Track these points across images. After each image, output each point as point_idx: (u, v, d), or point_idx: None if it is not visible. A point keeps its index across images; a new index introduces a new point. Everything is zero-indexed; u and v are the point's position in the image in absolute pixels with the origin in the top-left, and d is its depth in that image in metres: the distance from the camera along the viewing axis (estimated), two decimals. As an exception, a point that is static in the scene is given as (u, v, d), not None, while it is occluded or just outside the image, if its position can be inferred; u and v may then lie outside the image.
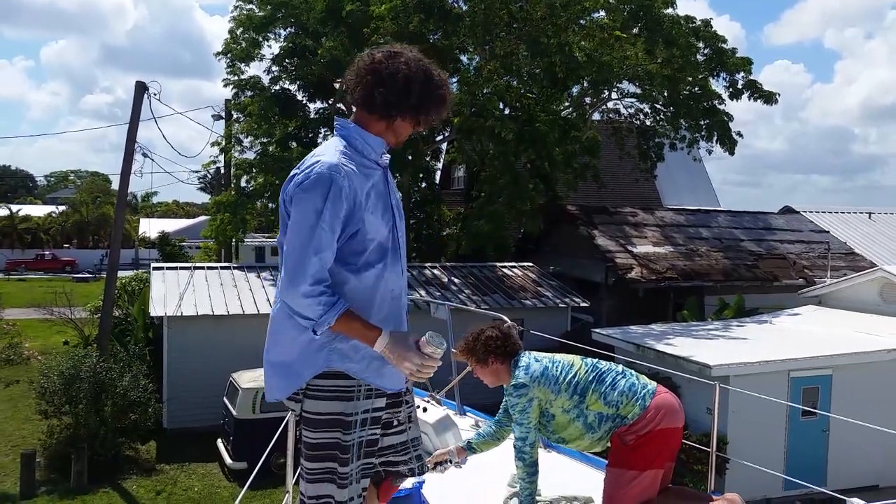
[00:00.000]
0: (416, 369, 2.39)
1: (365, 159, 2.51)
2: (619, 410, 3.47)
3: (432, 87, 2.52)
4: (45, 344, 18.66)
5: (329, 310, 2.35)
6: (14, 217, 50.51)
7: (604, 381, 3.56)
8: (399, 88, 2.46)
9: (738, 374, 11.04)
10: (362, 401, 2.53)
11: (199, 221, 50.65)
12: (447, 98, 2.58)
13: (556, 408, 3.62)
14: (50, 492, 11.24)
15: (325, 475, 2.53)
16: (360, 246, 2.46)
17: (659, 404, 3.46)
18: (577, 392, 3.57)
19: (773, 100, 20.23)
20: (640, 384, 3.55)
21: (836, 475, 11.43)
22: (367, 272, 2.48)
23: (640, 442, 3.41)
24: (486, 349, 3.79)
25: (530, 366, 3.68)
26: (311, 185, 2.38)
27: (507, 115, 19.14)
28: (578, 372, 3.62)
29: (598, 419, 3.52)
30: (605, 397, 3.51)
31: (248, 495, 10.73)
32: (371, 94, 2.47)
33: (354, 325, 2.40)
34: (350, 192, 2.40)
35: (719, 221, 22.64)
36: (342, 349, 2.48)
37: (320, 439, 2.52)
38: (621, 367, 3.68)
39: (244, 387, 11.89)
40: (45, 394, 11.96)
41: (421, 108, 2.53)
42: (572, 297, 17.63)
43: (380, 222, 2.50)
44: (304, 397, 2.54)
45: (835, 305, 15.50)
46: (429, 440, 4.75)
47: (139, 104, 13.98)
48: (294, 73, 20.30)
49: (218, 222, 19.22)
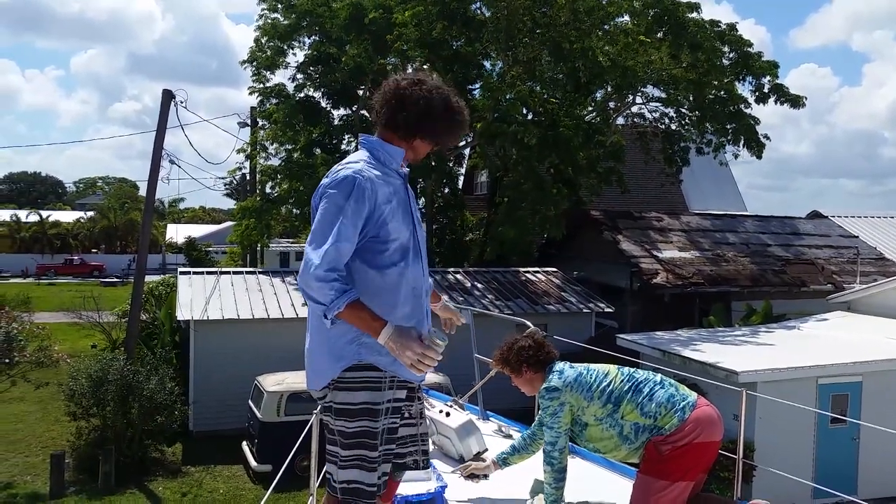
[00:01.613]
0: (416, 359, 2.53)
1: (387, 168, 2.77)
2: (657, 421, 3.42)
3: (450, 114, 2.79)
4: (74, 347, 18.95)
5: (340, 296, 2.51)
6: (44, 223, 51.43)
7: (641, 391, 3.51)
8: (419, 114, 2.73)
9: (765, 380, 10.89)
10: (387, 391, 2.73)
11: (224, 227, 51.19)
12: (464, 124, 2.87)
13: (589, 416, 3.59)
14: (78, 492, 11.39)
15: (359, 461, 2.72)
16: (383, 246, 2.68)
17: (699, 417, 3.40)
18: (610, 401, 3.53)
19: (799, 103, 19.99)
20: (679, 395, 3.49)
21: (866, 484, 11.23)
22: (389, 270, 2.69)
23: (676, 454, 3.35)
24: (518, 359, 3.83)
25: (564, 371, 3.70)
26: (337, 185, 2.63)
27: (530, 120, 19.12)
28: (614, 381, 3.58)
29: (634, 430, 3.47)
30: (643, 408, 3.46)
31: (273, 498, 10.79)
32: (394, 117, 2.75)
33: (362, 315, 2.56)
34: (372, 195, 2.63)
35: (746, 226, 22.39)
36: (370, 343, 2.65)
37: (355, 428, 2.70)
38: (660, 378, 3.61)
39: (269, 390, 11.97)
40: (73, 396, 12.13)
41: (439, 133, 2.83)
42: (596, 302, 17.53)
43: (401, 225, 2.73)
44: (335, 389, 2.72)
45: (864, 311, 15.24)
46: (451, 444, 4.74)
47: (166, 112, 14.17)
48: (318, 80, 20.47)
49: (243, 228, 19.42)
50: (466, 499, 4.16)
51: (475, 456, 4.70)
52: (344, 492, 2.74)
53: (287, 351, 12.74)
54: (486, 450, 4.77)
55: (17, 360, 12.42)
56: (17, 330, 12.74)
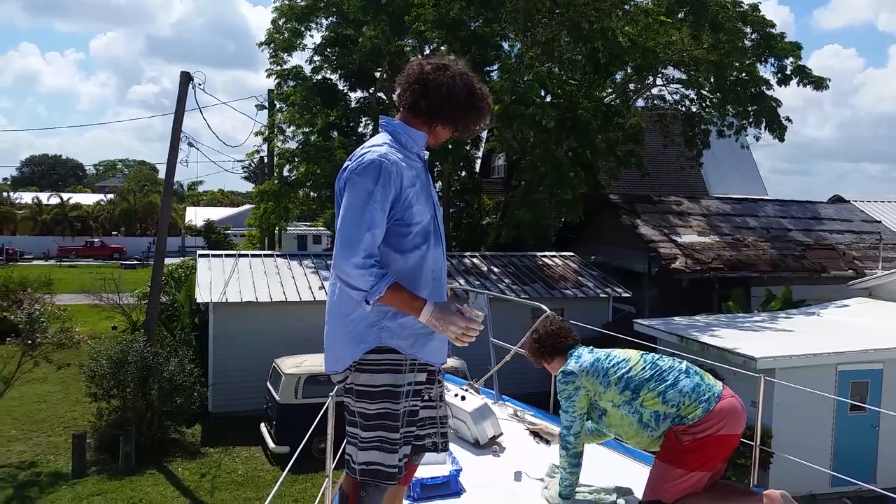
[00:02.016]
0: (461, 332, 2.60)
1: (408, 152, 2.77)
2: (680, 410, 3.38)
3: (473, 102, 2.78)
4: (95, 329, 19.17)
5: (379, 281, 2.56)
6: (65, 205, 51.97)
7: (664, 379, 3.47)
8: (442, 100, 2.73)
9: (783, 366, 10.79)
10: (408, 374, 2.76)
11: (243, 210, 51.48)
12: (486, 113, 2.85)
13: (606, 402, 3.57)
14: (100, 472, 11.56)
15: (379, 443, 2.74)
16: (407, 230, 2.71)
17: (723, 409, 3.36)
18: (629, 387, 3.50)
19: (823, 85, 19.68)
20: (704, 385, 3.44)
21: (886, 472, 11.12)
22: (412, 254, 2.72)
23: (696, 445, 3.32)
24: (541, 345, 3.86)
25: (581, 356, 3.70)
26: (364, 170, 2.64)
27: (548, 102, 18.95)
28: (634, 367, 3.55)
29: (654, 417, 3.43)
30: (664, 395, 3.42)
31: (290, 479, 10.90)
32: (417, 102, 2.75)
33: (403, 296, 2.61)
34: (397, 178, 2.65)
35: (767, 211, 22.13)
36: (391, 327, 2.71)
37: (376, 410, 2.73)
38: (685, 366, 3.56)
39: (287, 372, 12.05)
40: (94, 377, 12.28)
41: (460, 119, 2.82)
42: (614, 287, 17.44)
43: (423, 208, 2.75)
44: (356, 371, 2.75)
45: (886, 298, 15.03)
46: (466, 428, 4.75)
47: (184, 94, 14.20)
48: (335, 62, 20.38)
49: (261, 211, 19.49)
50: (482, 482, 4.16)
51: (491, 440, 4.72)
52: (363, 473, 2.76)
53: (305, 333, 12.81)
54: (502, 433, 4.78)
55: (39, 341, 12.57)
56: (39, 311, 12.88)
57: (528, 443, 4.73)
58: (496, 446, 4.67)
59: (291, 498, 10.68)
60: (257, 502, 10.64)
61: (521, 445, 4.78)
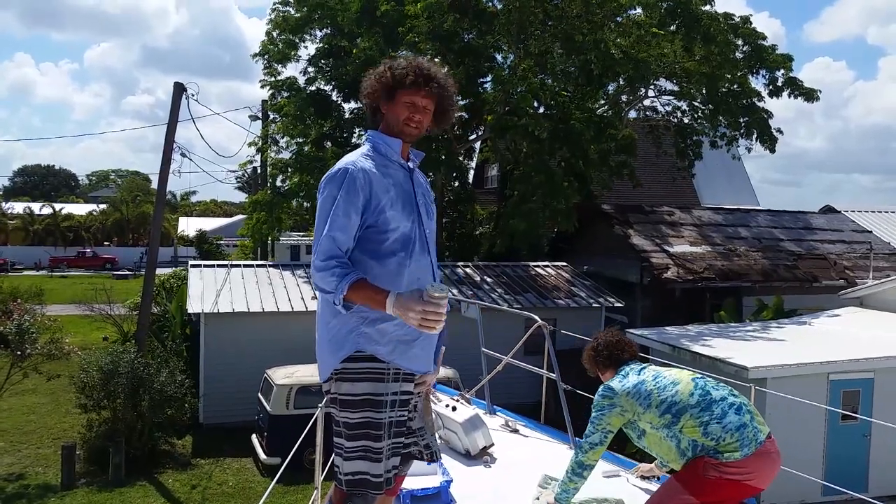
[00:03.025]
0: (420, 318, 2.48)
1: (388, 160, 2.80)
2: (718, 446, 3.23)
3: (392, 67, 2.78)
4: (86, 339, 19.08)
5: (341, 280, 2.57)
6: (57, 215, 51.74)
7: (710, 410, 3.31)
8: (378, 75, 2.81)
9: (775, 376, 10.81)
10: (391, 383, 2.73)
11: (236, 220, 51.37)
12: (427, 66, 2.79)
13: (645, 423, 3.46)
14: (89, 484, 11.47)
15: (363, 452, 2.72)
16: (382, 236, 2.70)
17: (760, 460, 3.23)
18: (670, 411, 3.36)
19: (813, 97, 19.80)
20: (751, 427, 3.28)
21: (877, 482, 11.14)
22: (389, 259, 2.71)
23: (719, 483, 3.21)
24: (597, 354, 3.81)
25: (628, 375, 3.61)
26: (331, 179, 2.71)
27: (541, 113, 19.02)
28: (681, 392, 3.40)
29: (691, 446, 3.30)
30: (706, 427, 3.27)
31: (281, 490, 10.83)
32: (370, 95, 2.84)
33: (366, 292, 2.58)
34: (365, 184, 2.67)
35: (758, 221, 22.22)
36: (369, 333, 2.69)
37: (358, 419, 2.71)
38: (740, 402, 3.38)
39: (279, 383, 12.00)
40: (84, 388, 12.20)
41: (386, 85, 2.77)
42: (606, 296, 17.46)
43: (400, 216, 2.73)
44: (338, 380, 2.74)
45: (877, 307, 15.10)
46: (457, 439, 4.73)
47: (177, 105, 14.20)
48: (329, 73, 20.42)
49: (254, 221, 19.45)
50: (472, 493, 4.15)
51: (482, 451, 4.70)
52: (349, 483, 2.74)
53: (297, 344, 12.79)
54: (493, 444, 4.77)
55: (29, 351, 12.50)
56: (29, 322, 12.82)
57: (519, 453, 4.73)
58: (487, 457, 4.66)
59: (283, 510, 10.61)
60: (248, 514, 10.57)
61: (512, 456, 4.77)
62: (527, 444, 5.11)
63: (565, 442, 4.89)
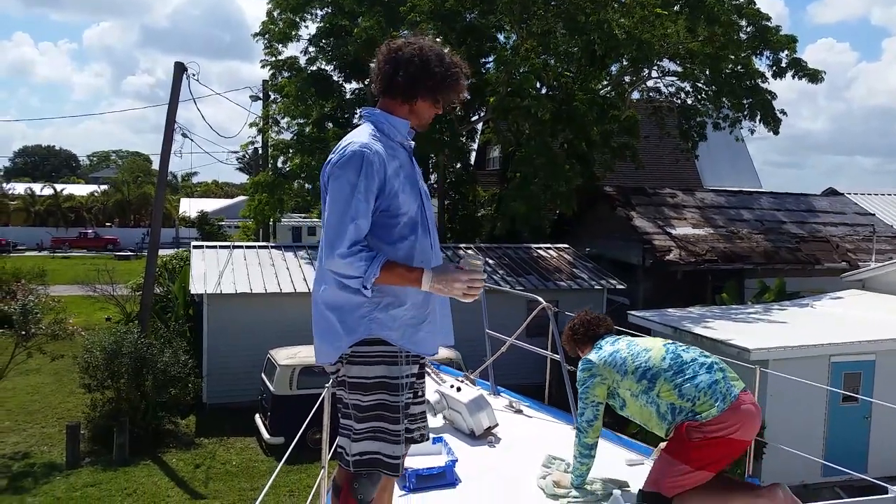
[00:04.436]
0: (466, 287, 2.60)
1: (391, 141, 2.73)
2: (695, 406, 3.31)
3: (447, 66, 2.70)
4: (89, 320, 19.12)
5: (371, 263, 2.55)
6: (58, 196, 51.70)
7: (682, 371, 3.40)
8: (417, 69, 2.66)
9: (777, 357, 10.84)
10: (404, 366, 2.75)
11: (237, 201, 51.33)
12: (462, 76, 2.74)
13: (624, 390, 3.55)
14: (93, 463, 11.55)
15: (373, 433, 2.72)
16: (394, 220, 2.68)
17: (738, 413, 3.27)
18: (645, 377, 3.46)
19: (818, 78, 19.67)
20: (724, 384, 3.34)
21: (877, 462, 11.21)
22: (401, 244, 2.69)
23: (705, 444, 3.26)
24: (574, 334, 3.92)
25: (603, 347, 3.73)
26: (346, 163, 2.61)
27: (543, 94, 18.91)
28: (653, 357, 3.51)
29: (670, 410, 3.38)
30: (680, 389, 3.36)
31: (284, 469, 10.91)
32: (393, 80, 2.69)
33: (399, 271, 2.60)
34: (380, 168, 2.62)
35: (761, 203, 22.17)
36: (382, 318, 2.68)
37: (371, 401, 2.71)
38: (711, 361, 3.47)
39: (282, 363, 12.05)
40: (88, 368, 12.25)
41: (438, 87, 2.71)
42: (608, 278, 17.47)
43: (409, 199, 2.72)
44: (348, 363, 2.73)
45: (879, 290, 15.11)
46: (462, 419, 4.76)
47: (178, 85, 14.13)
48: (330, 53, 20.28)
49: (256, 202, 19.42)
50: (478, 473, 4.17)
51: (486, 431, 4.73)
52: (357, 464, 2.74)
53: (299, 325, 12.71)
54: (497, 425, 4.80)
55: (33, 332, 12.54)
56: (33, 302, 12.85)
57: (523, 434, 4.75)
58: (491, 437, 4.69)
59: (286, 488, 10.71)
60: (251, 493, 10.65)
61: (516, 436, 4.79)
62: (531, 424, 5.15)
63: (569, 422, 4.92)
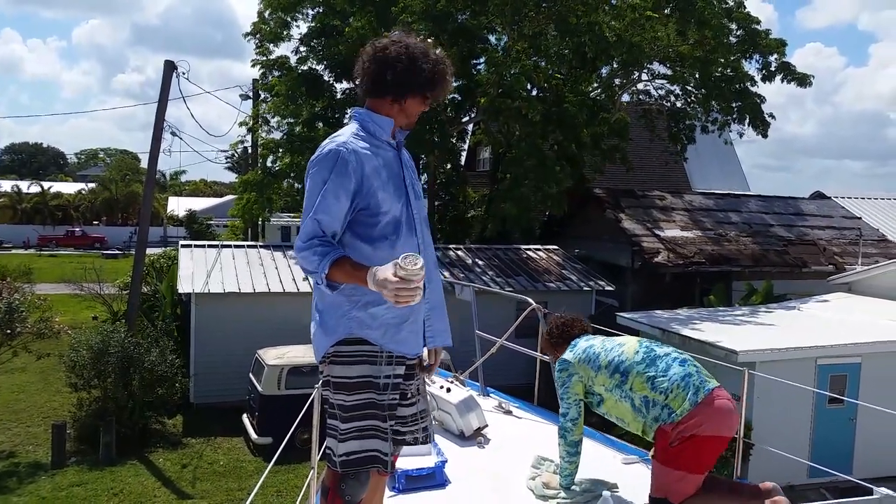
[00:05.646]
0: (392, 295, 2.36)
1: (376, 139, 2.72)
2: (668, 399, 3.30)
3: (434, 63, 2.67)
4: (75, 319, 18.98)
5: (322, 258, 2.51)
6: (45, 194, 51.32)
7: (656, 364, 3.42)
8: (405, 68, 2.63)
9: (764, 360, 10.91)
10: (384, 366, 2.72)
11: (226, 200, 51.10)
12: (449, 71, 2.73)
13: (599, 386, 3.57)
14: (79, 462, 11.48)
15: (360, 433, 2.70)
16: (374, 219, 2.66)
17: (709, 408, 3.24)
18: (618, 371, 3.48)
19: (806, 82, 19.80)
20: (696, 378, 3.33)
21: (862, 464, 11.29)
22: (381, 244, 2.67)
23: (684, 446, 3.24)
24: (551, 337, 3.93)
25: (577, 345, 3.76)
26: (321, 160, 2.64)
27: (534, 95, 18.94)
28: (626, 352, 3.53)
29: (644, 403, 3.37)
30: (653, 381, 3.36)
31: (273, 469, 10.86)
32: (380, 79, 2.66)
33: (346, 269, 2.52)
34: (357, 167, 2.61)
35: (749, 206, 22.29)
36: (361, 317, 2.68)
37: (356, 401, 2.70)
38: (685, 356, 3.49)
39: (270, 363, 12.01)
40: (74, 367, 12.17)
41: (427, 84, 2.68)
42: (597, 280, 17.52)
43: (392, 198, 2.69)
44: (330, 363, 2.72)
45: (865, 293, 15.23)
46: (452, 420, 4.76)
47: (168, 83, 14.07)
48: (321, 53, 20.24)
49: (244, 201, 19.36)
50: (467, 473, 4.17)
51: (476, 432, 4.73)
52: (344, 464, 2.72)
53: (288, 325, 12.79)
54: (487, 425, 4.80)
55: (18, 330, 12.44)
56: (18, 301, 12.75)
57: (512, 434, 4.76)
58: (481, 438, 4.69)
59: (274, 489, 10.66)
60: (239, 493, 10.60)
61: (506, 437, 4.80)
62: (520, 425, 5.16)
63: (557, 423, 4.92)
